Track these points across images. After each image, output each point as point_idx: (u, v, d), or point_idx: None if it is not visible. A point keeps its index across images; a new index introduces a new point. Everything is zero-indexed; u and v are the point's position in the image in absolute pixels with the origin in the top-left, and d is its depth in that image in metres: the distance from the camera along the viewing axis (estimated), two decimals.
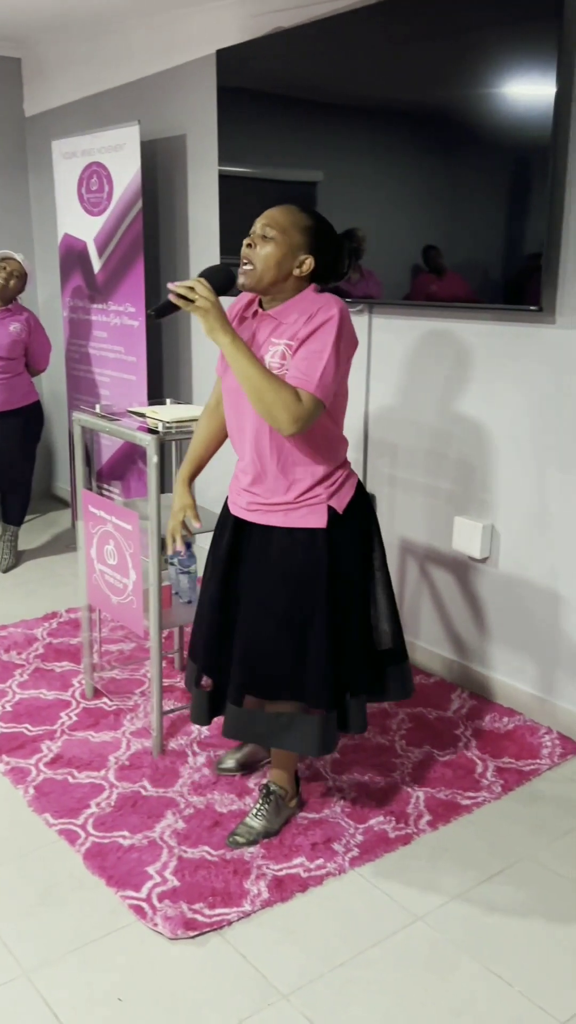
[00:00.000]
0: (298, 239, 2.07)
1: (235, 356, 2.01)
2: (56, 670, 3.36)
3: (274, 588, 2.20)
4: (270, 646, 2.21)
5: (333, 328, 2.02)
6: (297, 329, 2.06)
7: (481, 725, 2.98)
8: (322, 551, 2.16)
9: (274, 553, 2.20)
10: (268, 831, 2.40)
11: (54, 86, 4.99)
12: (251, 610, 2.23)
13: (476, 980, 1.95)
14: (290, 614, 2.19)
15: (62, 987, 1.93)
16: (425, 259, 3.02)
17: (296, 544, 2.18)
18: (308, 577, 2.17)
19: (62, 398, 5.48)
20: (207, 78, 3.86)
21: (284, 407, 1.98)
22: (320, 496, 2.17)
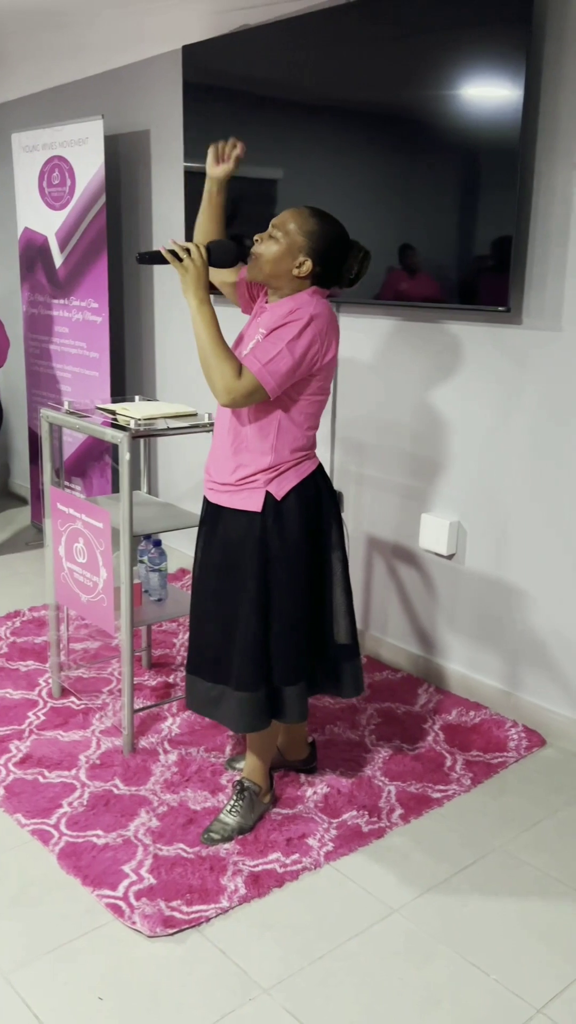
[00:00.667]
0: (300, 241, 2.15)
1: (196, 318, 2.14)
2: (21, 669, 3.33)
3: (216, 568, 2.31)
4: (204, 623, 2.35)
5: (297, 327, 2.09)
6: (275, 321, 2.14)
7: (448, 719, 3.03)
8: (254, 536, 2.22)
9: (219, 532, 2.30)
10: (242, 827, 2.41)
11: (13, 77, 4.92)
12: (199, 588, 2.37)
13: (453, 970, 1.99)
14: (223, 595, 2.29)
15: (41, 988, 1.91)
16: (394, 259, 3.04)
17: (235, 525, 2.26)
18: (241, 560, 2.25)
19: (20, 394, 5.41)
20: (172, 73, 3.85)
21: (221, 376, 2.09)
22: (258, 481, 2.23)
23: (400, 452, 3.26)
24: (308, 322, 2.09)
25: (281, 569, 2.23)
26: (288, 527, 2.23)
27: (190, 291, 2.14)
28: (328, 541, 2.34)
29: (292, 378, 2.12)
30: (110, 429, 2.65)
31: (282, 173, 3.38)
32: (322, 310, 2.13)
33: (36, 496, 5.02)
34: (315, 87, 3.18)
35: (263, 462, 2.21)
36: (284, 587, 2.24)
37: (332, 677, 2.41)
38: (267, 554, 2.23)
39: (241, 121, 3.50)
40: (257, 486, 2.22)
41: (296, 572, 2.25)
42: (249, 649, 2.24)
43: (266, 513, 2.22)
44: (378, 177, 3.05)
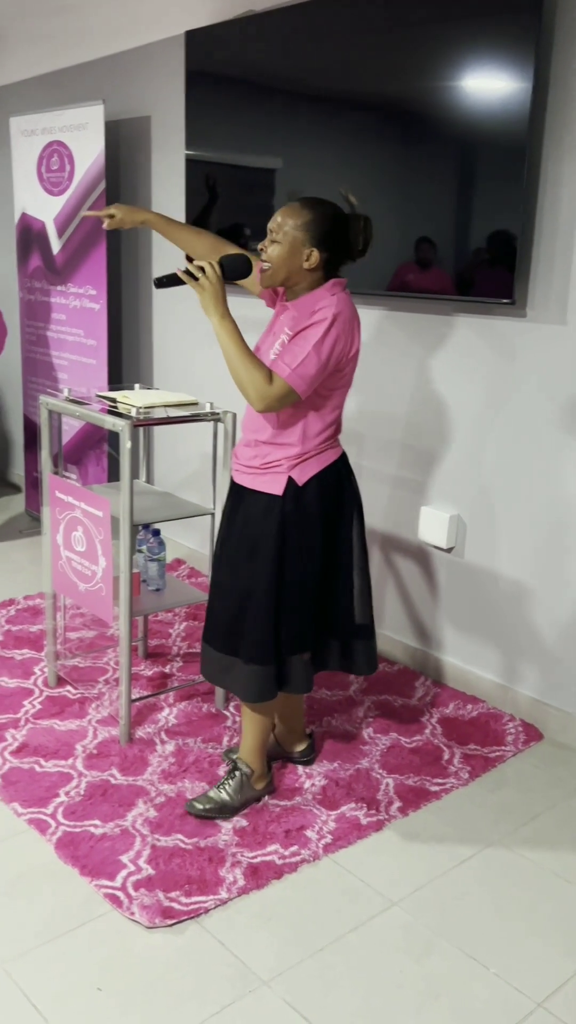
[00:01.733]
0: (299, 236, 2.19)
1: (220, 333, 2.20)
2: (16, 657, 3.31)
3: (234, 544, 2.37)
4: (219, 595, 2.42)
5: (322, 328, 2.15)
6: (299, 322, 2.19)
7: (446, 712, 3.02)
8: (274, 518, 2.28)
9: (241, 511, 2.36)
10: (226, 805, 2.43)
11: (13, 60, 4.87)
12: (218, 561, 2.45)
13: (453, 963, 1.99)
14: (238, 569, 2.35)
15: (39, 978, 1.90)
16: (397, 250, 3.02)
17: (256, 506, 2.32)
18: (259, 539, 2.31)
19: (15, 381, 5.37)
20: (175, 59, 3.81)
21: (253, 386, 2.16)
22: (282, 466, 2.28)
23: (400, 444, 3.25)
24: (332, 321, 2.15)
25: (296, 550, 2.31)
26: (306, 511, 2.30)
27: (210, 307, 2.20)
28: (348, 527, 2.40)
29: (321, 378, 2.19)
30: (111, 417, 2.63)
31: (282, 163, 3.36)
32: (343, 307, 2.18)
33: (31, 484, 4.99)
34: (320, 76, 3.15)
35: (291, 451, 2.28)
36: (297, 566, 2.31)
37: (345, 655, 2.48)
38: (284, 535, 2.29)
39: (243, 109, 3.47)
40: (280, 471, 2.28)
41: (310, 553, 2.33)
42: (261, 623, 2.31)
43: (286, 497, 2.28)
44: (382, 168, 3.03)
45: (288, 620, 2.33)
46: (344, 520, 2.39)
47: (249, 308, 2.98)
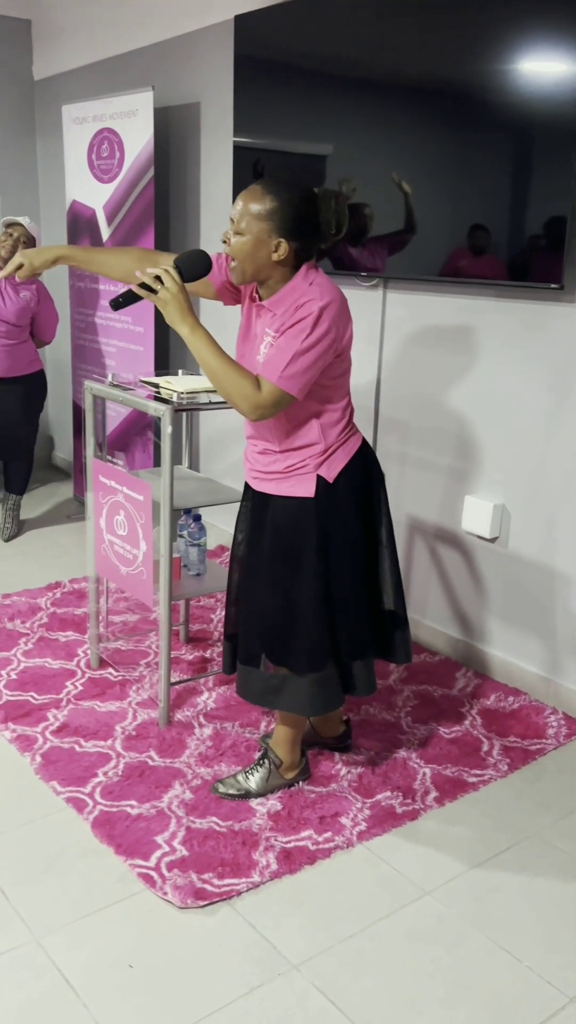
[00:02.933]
0: (264, 226, 2.02)
1: (195, 346, 2.07)
2: (61, 639, 3.35)
3: (265, 554, 2.25)
4: (261, 611, 2.28)
5: (309, 323, 2.00)
6: (284, 320, 2.05)
7: (486, 704, 2.99)
8: (310, 521, 2.19)
9: (268, 520, 2.25)
10: (250, 791, 2.43)
11: (65, 49, 4.91)
12: (248, 575, 2.31)
13: (485, 954, 1.97)
14: (279, 582, 2.23)
15: (73, 953, 1.93)
16: (445, 236, 2.98)
17: (286, 512, 2.21)
18: (296, 546, 2.20)
19: (65, 367, 5.43)
20: (224, 45, 3.80)
21: (242, 396, 2.04)
22: (308, 466, 2.19)
23: (445, 432, 3.21)
24: (319, 315, 2.00)
25: (340, 550, 2.21)
26: (342, 508, 2.21)
27: (176, 320, 2.05)
28: (378, 513, 2.33)
29: (317, 372, 2.05)
30: (153, 402, 2.64)
31: (332, 148, 3.33)
32: (330, 295, 2.02)
33: (79, 470, 5.05)
34: (369, 59, 3.11)
35: (314, 450, 2.18)
36: (344, 567, 2.23)
37: (385, 644, 2.41)
38: (325, 538, 2.19)
39: (292, 94, 3.45)
40: (307, 471, 2.18)
41: (355, 551, 2.25)
42: (315, 632, 2.21)
43: (319, 497, 2.18)
44: (431, 153, 2.99)
45: (343, 624, 2.24)
46: (375, 508, 2.32)
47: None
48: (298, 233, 2.04)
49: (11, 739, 2.69)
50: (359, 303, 3.44)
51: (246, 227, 2.03)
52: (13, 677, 3.05)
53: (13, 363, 4.21)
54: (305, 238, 2.07)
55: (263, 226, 2.02)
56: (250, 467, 2.29)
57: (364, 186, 3.21)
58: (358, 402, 3.51)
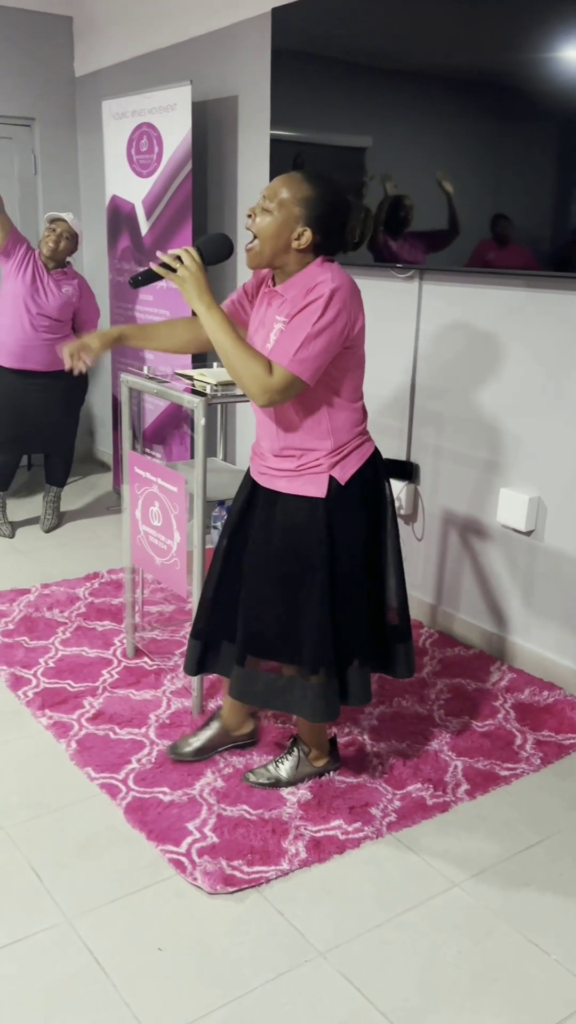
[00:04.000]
0: (296, 211, 2.02)
1: (210, 325, 2.05)
2: (98, 629, 3.40)
3: (274, 553, 2.22)
4: (268, 609, 2.25)
5: (320, 306, 1.98)
6: (294, 305, 2.04)
7: (520, 698, 2.97)
8: (320, 521, 2.16)
9: (277, 518, 2.22)
10: (280, 780, 2.45)
11: (105, 45, 4.96)
12: (253, 572, 2.26)
13: (513, 947, 1.96)
14: (288, 580, 2.21)
15: (103, 935, 1.97)
16: (484, 226, 2.96)
17: (296, 511, 2.19)
18: (306, 545, 2.18)
19: (105, 360, 5.49)
20: (261, 38, 3.81)
21: (253, 379, 2.01)
22: (322, 466, 2.16)
23: (480, 424, 3.19)
24: (330, 297, 1.98)
25: (347, 553, 2.19)
26: (352, 511, 2.19)
27: (194, 298, 2.05)
28: (384, 523, 2.30)
29: (328, 357, 2.04)
30: (187, 394, 2.66)
31: (371, 141, 3.32)
32: (341, 280, 2.02)
33: (118, 462, 5.11)
34: (408, 50, 3.10)
35: (325, 446, 2.15)
36: (349, 571, 2.20)
37: (385, 657, 2.37)
38: (332, 539, 2.17)
39: (330, 86, 3.44)
40: (321, 471, 2.16)
41: (359, 556, 2.22)
42: (321, 635, 2.19)
43: (331, 498, 2.16)
44: (470, 144, 2.96)
45: (346, 631, 2.22)
46: (381, 515, 2.28)
47: None
48: (323, 229, 2.04)
49: (48, 726, 2.74)
50: (395, 296, 3.43)
51: (275, 208, 2.03)
52: (51, 665, 3.10)
53: (55, 357, 4.26)
54: (328, 236, 2.07)
55: (293, 211, 2.02)
56: (260, 463, 2.26)
57: (402, 178, 3.19)
58: (393, 395, 3.51)
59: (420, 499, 3.48)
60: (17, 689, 2.95)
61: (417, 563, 3.54)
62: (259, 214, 2.05)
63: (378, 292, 3.50)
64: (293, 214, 2.02)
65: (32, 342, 4.18)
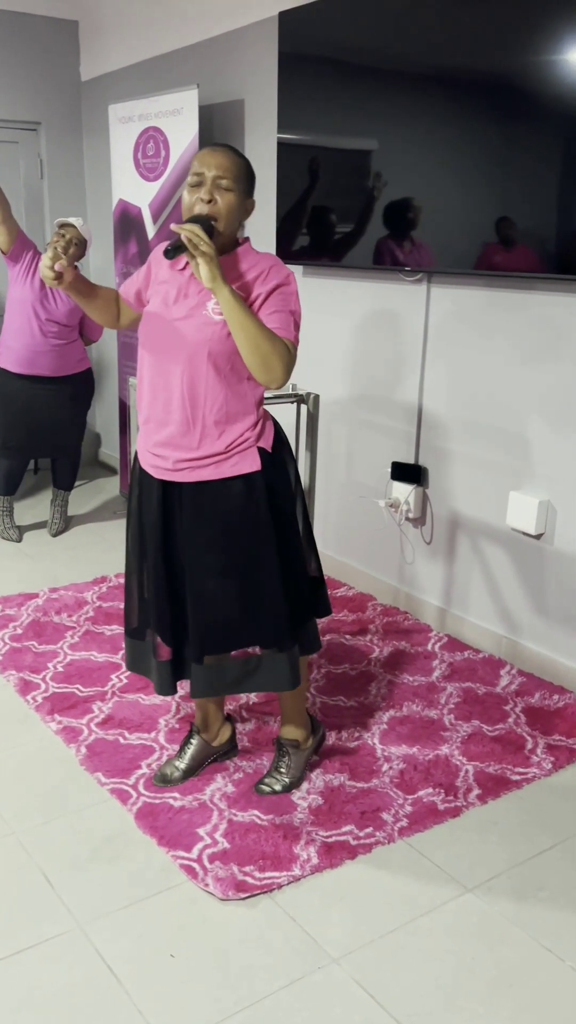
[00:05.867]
0: (245, 184, 2.08)
1: (235, 307, 1.96)
2: (106, 633, 3.40)
3: (217, 542, 2.19)
4: (222, 600, 2.23)
5: (292, 288, 2.09)
6: (247, 283, 2.06)
7: (531, 702, 2.96)
8: (261, 494, 2.17)
9: (210, 508, 2.18)
10: (288, 783, 2.45)
11: (111, 49, 4.96)
12: (197, 570, 2.22)
13: (527, 953, 1.95)
14: (237, 563, 2.20)
15: (115, 941, 1.96)
16: (487, 229, 2.96)
17: (233, 494, 2.17)
18: (252, 523, 2.18)
19: (111, 365, 5.50)
20: (268, 41, 3.81)
21: (280, 357, 1.99)
22: (249, 440, 2.16)
23: (489, 427, 3.18)
24: (295, 283, 2.09)
25: (289, 519, 2.25)
26: (283, 474, 2.24)
27: (219, 279, 1.93)
28: (292, 480, 2.33)
29: None
30: None
31: (377, 144, 3.32)
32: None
33: (125, 466, 5.11)
34: (415, 54, 3.09)
35: (248, 419, 2.16)
36: (288, 535, 2.25)
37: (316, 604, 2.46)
38: (275, 508, 2.21)
39: (337, 90, 3.44)
40: (248, 445, 2.16)
41: (296, 514, 2.29)
42: (281, 608, 2.22)
43: (266, 469, 2.18)
44: (476, 146, 2.96)
45: (299, 588, 2.28)
46: (292, 464, 2.33)
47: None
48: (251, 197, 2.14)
49: (57, 731, 2.73)
50: (402, 298, 3.42)
51: (233, 186, 2.03)
52: (60, 670, 3.10)
53: (63, 363, 4.27)
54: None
55: (244, 185, 2.07)
56: (171, 459, 2.16)
57: (410, 181, 3.19)
58: (402, 398, 3.50)
59: (429, 502, 3.47)
60: (26, 694, 2.94)
61: (426, 567, 3.53)
62: (222, 194, 2.02)
63: (386, 295, 3.50)
64: (244, 189, 2.07)
65: (41, 348, 4.18)
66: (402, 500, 3.51)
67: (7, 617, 3.50)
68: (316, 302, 3.83)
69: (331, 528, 3.96)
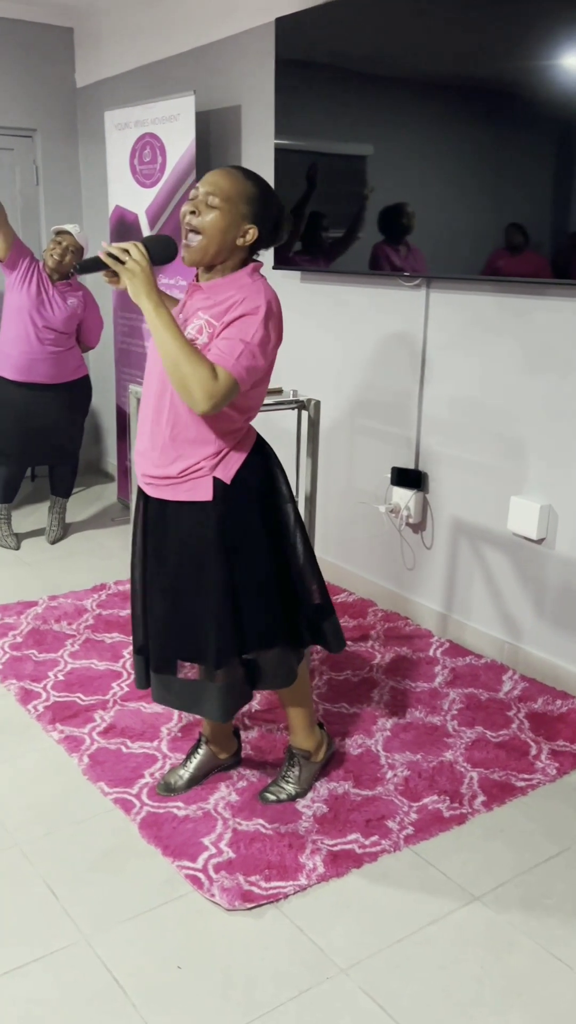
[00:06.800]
0: (243, 208, 2.02)
1: (156, 324, 1.96)
2: (106, 641, 3.38)
3: (167, 560, 2.21)
4: (171, 618, 2.23)
5: (259, 317, 1.99)
6: (223, 310, 2.01)
7: (534, 707, 2.95)
8: (210, 524, 2.13)
9: (167, 526, 2.20)
10: (294, 793, 2.44)
11: (107, 56, 4.96)
12: (155, 583, 2.25)
13: (536, 962, 1.94)
14: (185, 587, 2.19)
15: (121, 953, 1.94)
16: (490, 235, 2.96)
17: (186, 518, 2.16)
18: (199, 551, 2.15)
19: (108, 372, 5.48)
20: (264, 47, 3.81)
21: (200, 383, 1.94)
22: (203, 469, 2.12)
23: (489, 432, 3.18)
24: (267, 312, 2.00)
25: (244, 549, 2.17)
26: (243, 508, 2.16)
27: (141, 294, 1.97)
28: (282, 505, 2.27)
29: (260, 370, 2.03)
30: None
31: (372, 149, 3.32)
32: (272, 294, 2.03)
33: (122, 473, 5.09)
34: (412, 59, 3.10)
35: (205, 450, 2.10)
36: (249, 563, 2.18)
37: (317, 635, 2.39)
38: (227, 541, 2.14)
39: (334, 95, 3.44)
40: (203, 474, 2.11)
41: (260, 547, 2.20)
42: (222, 628, 2.17)
43: (217, 500, 2.12)
44: (474, 151, 2.96)
45: (251, 617, 2.20)
46: (279, 500, 2.25)
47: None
48: (263, 226, 2.06)
49: (59, 740, 2.72)
50: (401, 304, 3.42)
51: (221, 205, 2.00)
52: (60, 678, 3.08)
53: (60, 370, 4.25)
54: (266, 234, 2.08)
55: (241, 209, 2.01)
56: (142, 472, 2.20)
57: (406, 186, 3.19)
58: (401, 403, 3.50)
59: (429, 508, 3.47)
60: (27, 703, 2.93)
61: (427, 572, 3.53)
62: (204, 210, 2.01)
63: (385, 300, 3.50)
64: (240, 211, 2.02)
65: (38, 355, 4.16)
66: (402, 505, 3.50)
67: (6, 625, 3.49)
68: (314, 308, 3.83)
69: (331, 533, 3.96)
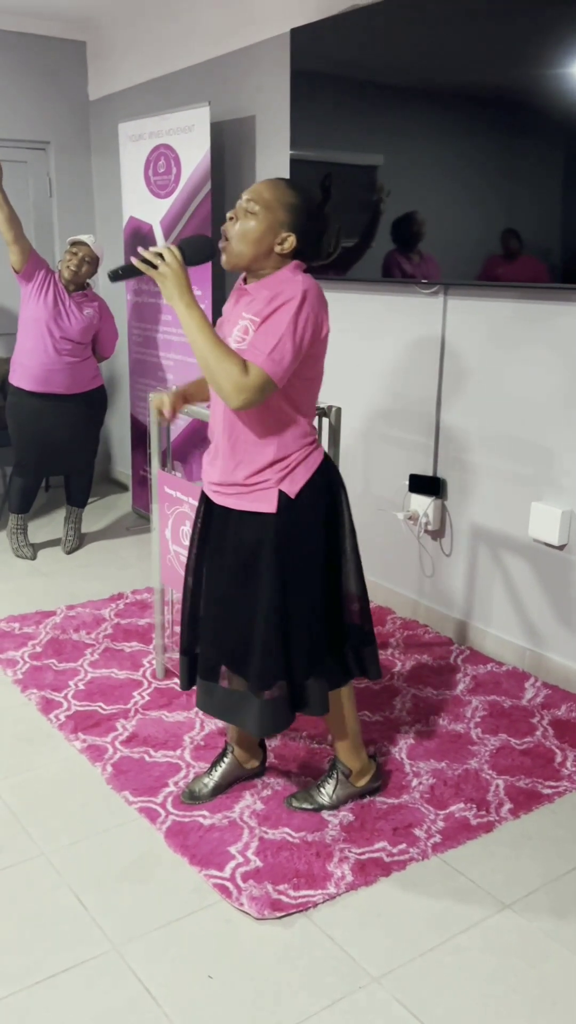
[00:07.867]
0: (282, 216, 2.03)
1: (187, 323, 2.01)
2: (126, 650, 3.38)
3: (226, 569, 2.21)
4: (222, 627, 2.25)
5: (292, 308, 1.99)
6: (263, 307, 2.03)
7: (557, 714, 2.94)
8: (270, 537, 2.13)
9: (230, 534, 2.20)
10: (323, 805, 2.41)
11: (120, 68, 4.99)
12: (209, 589, 2.28)
13: (570, 970, 1.92)
14: (236, 596, 2.20)
15: (152, 962, 1.93)
16: (505, 241, 2.96)
17: (247, 527, 2.16)
18: (255, 562, 2.15)
19: (122, 382, 5.50)
20: (279, 58, 3.83)
21: (227, 377, 1.96)
22: (269, 481, 2.12)
23: (509, 438, 3.17)
24: (302, 301, 1.99)
25: (300, 566, 2.16)
26: (304, 525, 2.15)
27: (175, 297, 2.02)
28: (341, 531, 2.26)
29: (297, 361, 2.02)
30: None
31: (389, 159, 3.32)
32: (310, 284, 2.02)
33: (137, 482, 5.10)
34: (425, 70, 3.10)
35: (267, 456, 2.11)
36: (304, 584, 2.17)
37: (357, 662, 2.37)
38: (284, 556, 2.13)
39: (349, 106, 3.46)
40: (269, 486, 2.12)
41: (316, 567, 2.20)
42: (268, 652, 2.16)
43: (281, 514, 2.12)
44: (489, 160, 2.96)
45: (299, 641, 2.19)
46: (338, 524, 2.25)
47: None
48: (305, 236, 2.07)
49: (82, 749, 2.71)
50: (419, 311, 3.42)
51: (260, 212, 2.03)
52: (81, 688, 3.08)
53: (76, 380, 4.26)
54: (308, 244, 2.09)
55: (279, 217, 2.03)
56: (208, 480, 2.23)
57: (422, 195, 3.20)
58: (419, 410, 3.50)
59: (448, 514, 3.46)
60: (48, 712, 2.92)
61: (446, 579, 3.52)
62: (242, 217, 2.04)
63: (402, 308, 3.50)
64: (279, 219, 2.03)
65: (55, 365, 4.18)
66: (420, 512, 3.49)
67: (25, 635, 3.49)
68: (332, 316, 3.83)
69: None
